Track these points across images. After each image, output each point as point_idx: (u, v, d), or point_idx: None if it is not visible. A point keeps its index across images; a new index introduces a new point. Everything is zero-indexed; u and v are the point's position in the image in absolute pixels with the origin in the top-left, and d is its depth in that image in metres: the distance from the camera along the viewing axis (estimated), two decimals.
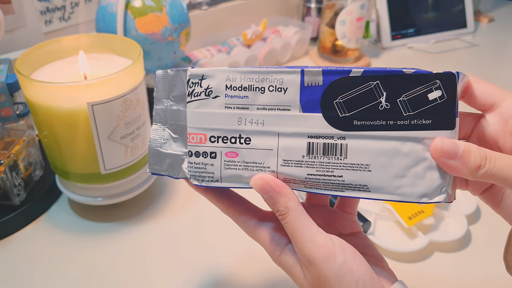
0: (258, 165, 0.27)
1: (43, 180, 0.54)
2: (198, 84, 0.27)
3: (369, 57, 0.93)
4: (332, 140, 0.26)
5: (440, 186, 0.25)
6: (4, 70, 0.54)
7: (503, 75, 0.88)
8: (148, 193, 0.54)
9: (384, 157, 0.25)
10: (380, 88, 0.25)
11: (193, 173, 0.28)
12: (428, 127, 0.25)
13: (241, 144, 0.27)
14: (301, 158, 0.26)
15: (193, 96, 0.27)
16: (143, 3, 0.59)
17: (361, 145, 0.25)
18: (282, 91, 0.26)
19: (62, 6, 0.70)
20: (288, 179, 0.27)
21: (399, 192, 0.25)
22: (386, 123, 0.25)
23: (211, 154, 0.27)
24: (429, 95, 0.24)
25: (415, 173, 0.25)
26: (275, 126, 0.26)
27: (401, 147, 0.25)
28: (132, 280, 0.43)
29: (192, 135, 0.27)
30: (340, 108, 0.25)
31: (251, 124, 0.26)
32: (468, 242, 0.48)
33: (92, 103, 0.41)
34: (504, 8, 1.25)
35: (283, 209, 0.26)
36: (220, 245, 0.47)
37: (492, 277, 0.44)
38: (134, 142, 0.46)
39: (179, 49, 0.65)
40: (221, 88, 0.27)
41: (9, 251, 0.46)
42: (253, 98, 0.26)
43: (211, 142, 0.27)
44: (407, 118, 0.25)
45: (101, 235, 0.48)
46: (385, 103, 0.25)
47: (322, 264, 0.25)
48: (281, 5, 1.03)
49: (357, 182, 0.26)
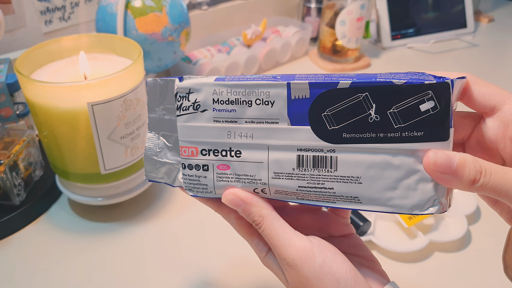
0: (249, 177, 0.27)
1: (43, 180, 0.54)
2: (186, 98, 0.27)
3: (369, 57, 0.93)
4: (321, 153, 0.25)
5: (433, 198, 0.24)
6: (4, 70, 0.54)
7: (503, 75, 0.88)
8: (148, 193, 0.54)
9: (374, 169, 0.25)
10: (369, 100, 0.24)
11: (188, 184, 0.28)
12: (420, 139, 0.24)
13: (231, 157, 0.27)
14: (292, 171, 0.26)
15: (182, 110, 0.27)
16: (143, 3, 0.59)
17: (351, 158, 0.25)
18: (269, 104, 0.25)
19: (62, 6, 0.70)
20: (280, 190, 0.27)
21: (390, 204, 0.25)
22: (376, 136, 0.24)
23: (204, 166, 0.27)
24: (421, 106, 0.23)
25: (407, 185, 0.24)
26: (264, 139, 0.26)
27: (392, 160, 0.24)
28: (132, 280, 0.43)
29: (184, 148, 0.27)
30: (329, 120, 0.25)
31: (240, 137, 0.26)
32: (468, 242, 0.48)
33: (92, 103, 0.41)
34: (504, 8, 1.25)
35: (258, 218, 0.27)
36: (219, 245, 0.47)
37: (492, 277, 0.44)
38: (134, 142, 0.46)
39: (179, 49, 0.65)
40: (209, 102, 0.26)
41: (9, 251, 0.46)
42: (240, 112, 0.26)
43: (202, 155, 0.27)
44: (398, 130, 0.24)
45: (101, 235, 0.48)
46: (375, 115, 0.24)
47: (302, 265, 0.25)
48: (281, 5, 1.03)
49: (348, 194, 0.25)
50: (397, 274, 0.44)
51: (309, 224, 0.29)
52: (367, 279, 0.27)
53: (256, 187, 0.27)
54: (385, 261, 0.45)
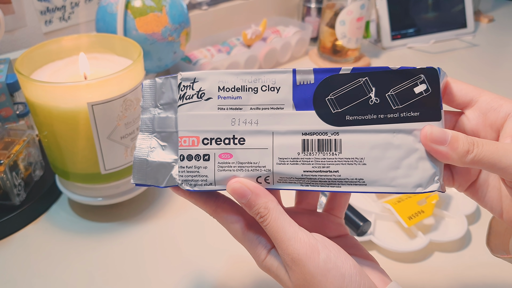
0: (253, 165, 0.27)
1: (43, 180, 0.54)
2: (190, 87, 0.27)
3: (369, 57, 0.93)
4: (326, 136, 0.26)
5: (433, 176, 0.26)
6: (4, 70, 0.54)
7: (503, 75, 0.88)
8: (148, 193, 0.54)
9: (377, 150, 0.26)
10: (369, 84, 0.26)
11: (185, 177, 0.27)
12: (417, 119, 0.26)
13: (235, 145, 0.27)
14: (297, 156, 0.26)
15: (185, 99, 0.27)
16: (143, 3, 0.59)
17: (355, 139, 0.26)
18: (275, 91, 0.26)
19: (62, 6, 0.70)
20: (284, 178, 0.27)
21: (394, 183, 0.26)
22: (377, 117, 0.26)
23: (204, 156, 0.27)
24: (415, 89, 0.26)
25: (408, 164, 0.26)
26: (269, 125, 0.26)
27: (393, 140, 0.26)
28: (132, 280, 0.43)
29: (184, 138, 0.27)
30: (332, 104, 0.26)
31: (245, 124, 0.27)
32: (468, 242, 0.48)
33: (92, 103, 0.41)
34: (504, 8, 1.25)
35: (263, 210, 0.26)
36: (219, 245, 0.47)
37: (492, 277, 0.44)
38: (134, 142, 0.46)
39: (179, 49, 0.65)
40: (214, 90, 0.27)
41: (9, 251, 0.46)
42: (246, 99, 0.27)
43: (204, 144, 0.27)
44: (397, 111, 0.26)
45: (101, 235, 0.48)
46: (375, 98, 0.26)
47: (306, 261, 0.25)
48: (281, 5, 1.03)
49: (353, 176, 0.26)
50: (397, 274, 0.44)
51: (305, 225, 0.29)
52: (370, 277, 0.27)
53: (260, 175, 0.27)
54: (385, 261, 0.45)
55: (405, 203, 0.48)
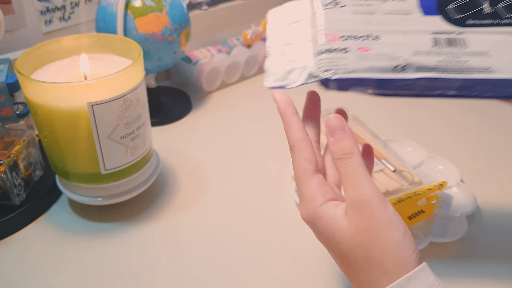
0: (391, 55, 0.29)
1: (43, 180, 0.54)
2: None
3: None
4: (453, 35, 0.30)
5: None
6: (4, 70, 0.54)
7: None
8: (148, 193, 0.54)
9: (499, 45, 0.30)
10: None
11: (326, 67, 0.29)
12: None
13: (372, 40, 0.30)
14: (430, 48, 0.30)
15: (324, 5, 0.32)
16: (143, 3, 0.59)
17: (477, 38, 0.30)
18: (402, 1, 0.32)
19: (62, 6, 0.70)
20: (421, 66, 0.29)
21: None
22: (493, 22, 0.30)
23: (344, 49, 0.30)
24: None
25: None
26: (401, 26, 0.31)
27: (510, 39, 0.30)
28: (132, 280, 0.43)
29: (322, 36, 0.31)
30: (453, 12, 0.31)
31: (379, 25, 0.31)
32: (468, 242, 0.48)
33: (92, 103, 0.41)
34: None
35: (350, 150, 0.29)
36: (220, 245, 0.47)
37: (492, 277, 0.44)
38: (134, 142, 0.46)
39: (179, 49, 0.65)
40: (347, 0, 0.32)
41: (9, 251, 0.46)
42: (377, 7, 0.32)
43: (343, 40, 0.30)
44: (509, 18, 0.30)
45: (101, 235, 0.48)
46: (490, 7, 0.31)
47: (377, 206, 0.27)
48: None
49: (482, 65, 0.29)
50: None
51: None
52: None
53: (397, 64, 0.29)
54: None
55: (405, 203, 0.48)
